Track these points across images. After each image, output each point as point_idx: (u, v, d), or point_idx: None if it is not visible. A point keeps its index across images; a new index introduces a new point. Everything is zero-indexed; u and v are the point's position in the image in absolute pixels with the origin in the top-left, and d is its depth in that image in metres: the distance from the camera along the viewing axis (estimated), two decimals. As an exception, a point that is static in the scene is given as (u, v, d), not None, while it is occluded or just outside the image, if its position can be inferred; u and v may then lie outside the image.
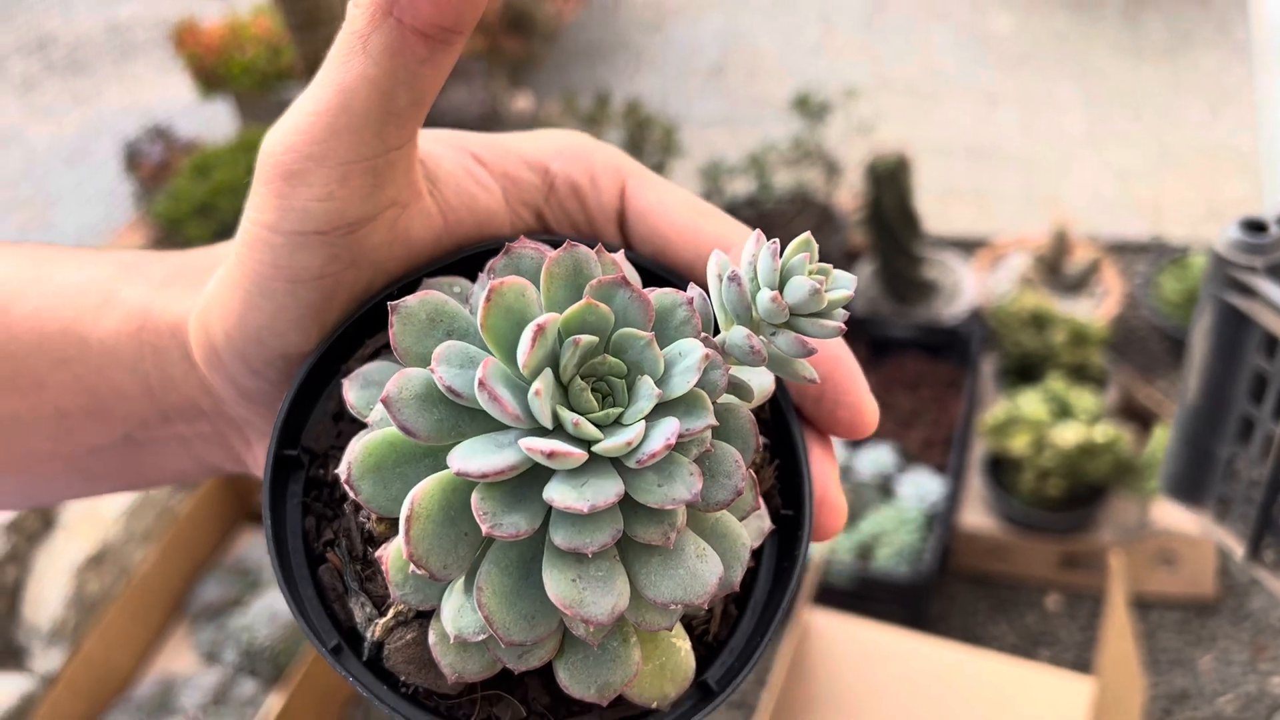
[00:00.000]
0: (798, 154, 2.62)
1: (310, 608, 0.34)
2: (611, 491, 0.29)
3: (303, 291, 0.34)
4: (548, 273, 0.31)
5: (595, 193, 0.39)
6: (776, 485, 0.38)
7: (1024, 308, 2.17)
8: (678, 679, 0.34)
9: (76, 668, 1.92)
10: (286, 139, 0.32)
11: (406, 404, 0.30)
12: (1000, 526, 2.04)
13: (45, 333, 0.41)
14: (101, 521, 2.17)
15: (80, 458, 0.44)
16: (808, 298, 0.31)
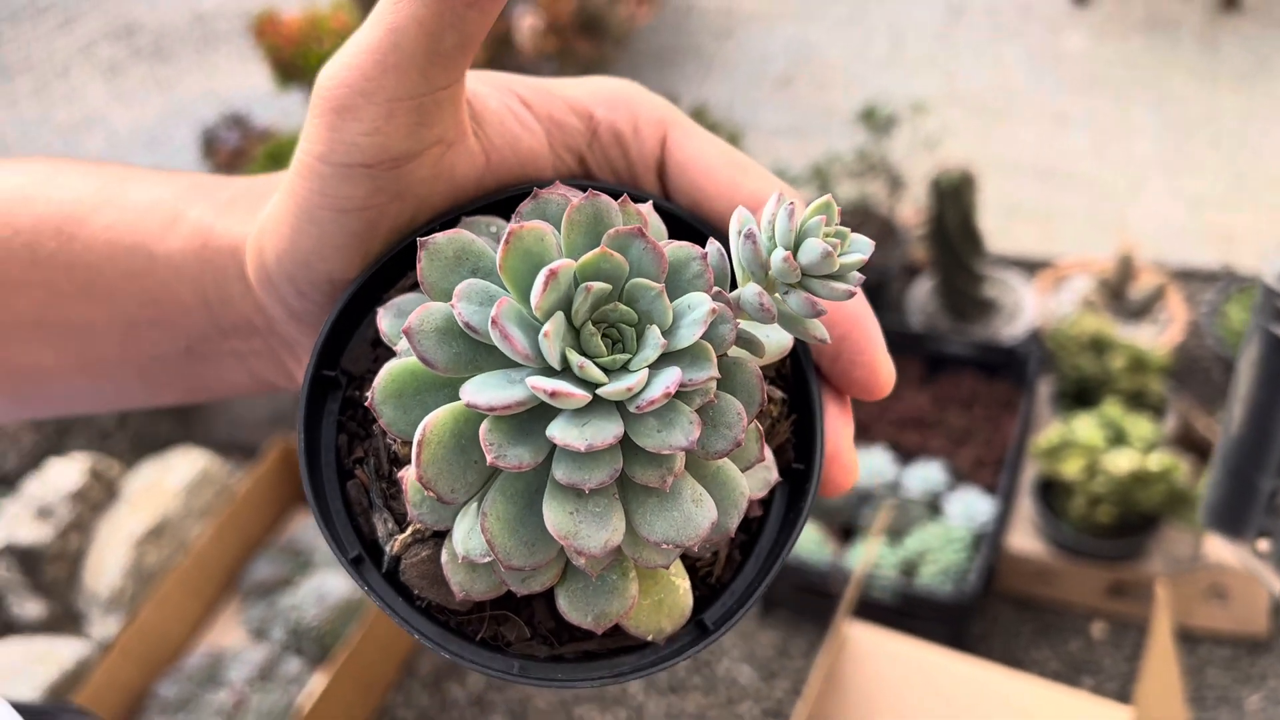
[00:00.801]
0: (862, 166, 2.61)
1: (337, 519, 0.36)
2: (610, 433, 0.30)
3: (347, 220, 0.36)
4: (568, 220, 0.32)
5: (637, 141, 0.40)
6: (792, 440, 0.39)
7: (1083, 331, 2.15)
8: (674, 615, 0.35)
9: (131, 635, 1.98)
10: (339, 74, 0.33)
11: (427, 336, 0.31)
12: (1048, 550, 2.02)
13: (117, 247, 0.43)
14: (162, 496, 2.24)
15: (145, 365, 0.47)
16: (820, 259, 0.32)
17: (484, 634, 0.35)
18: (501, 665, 0.35)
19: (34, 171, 0.46)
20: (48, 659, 2.03)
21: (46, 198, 0.44)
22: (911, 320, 2.52)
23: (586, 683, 0.35)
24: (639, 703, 2.04)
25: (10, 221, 0.44)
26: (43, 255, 0.44)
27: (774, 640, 2.11)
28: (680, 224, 0.39)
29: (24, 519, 2.19)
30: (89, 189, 0.44)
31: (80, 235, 0.44)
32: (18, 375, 0.47)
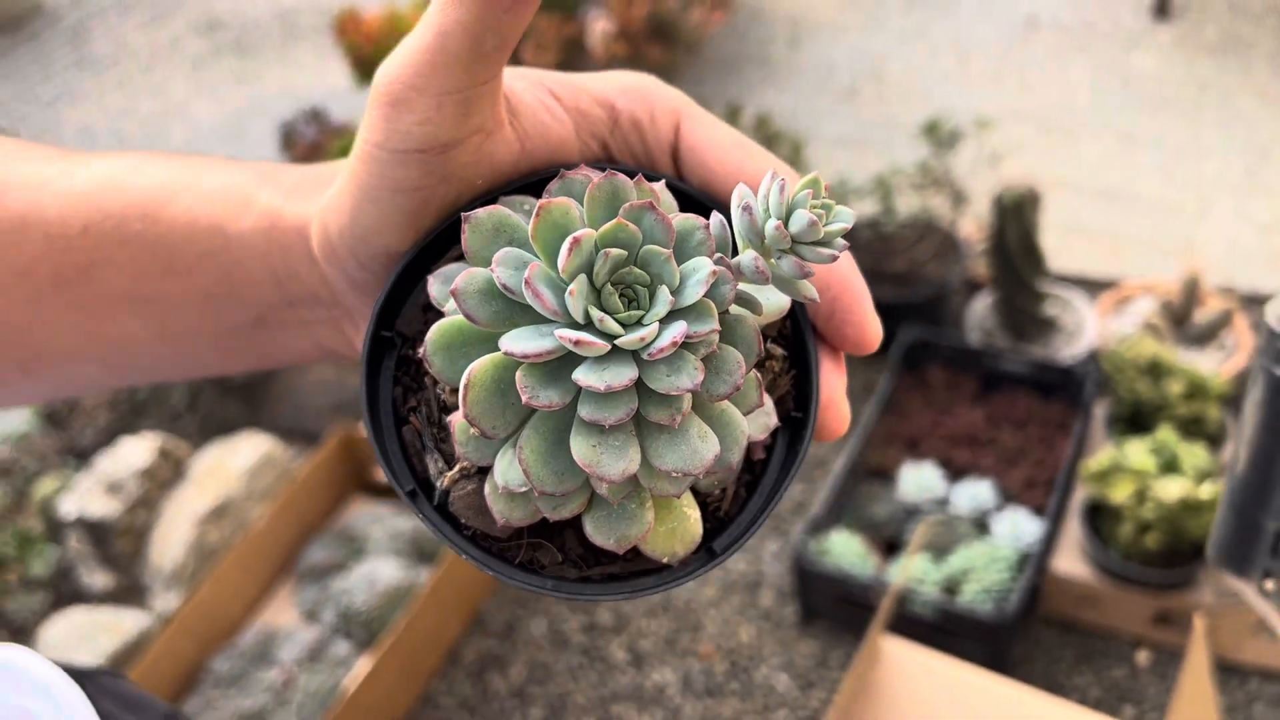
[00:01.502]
0: (924, 179, 2.60)
1: (394, 460, 0.42)
2: (626, 376, 0.35)
3: (402, 200, 0.41)
4: (590, 195, 0.37)
5: (653, 128, 0.45)
6: (792, 391, 0.44)
7: (1142, 354, 2.12)
8: (686, 540, 0.40)
9: (190, 610, 2.05)
10: (394, 71, 0.38)
11: (471, 296, 0.36)
12: (1095, 575, 2.00)
13: (195, 227, 0.49)
14: (226, 477, 2.32)
15: (221, 335, 0.52)
16: (807, 227, 0.36)
17: (521, 558, 0.41)
18: (536, 583, 0.40)
19: (122, 162, 0.52)
20: (111, 629, 2.12)
21: (133, 185, 0.50)
22: (970, 336, 2.50)
23: (611, 596, 0.41)
24: (676, 705, 2.06)
25: (101, 205, 0.49)
26: (129, 235, 0.49)
27: (813, 650, 2.11)
28: (691, 200, 0.44)
29: (95, 493, 2.29)
30: (169, 176, 0.50)
31: (163, 218, 0.49)
32: (107, 345, 0.53)
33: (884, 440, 2.30)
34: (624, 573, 0.41)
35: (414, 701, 2.10)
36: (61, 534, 2.30)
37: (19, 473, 2.42)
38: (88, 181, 0.50)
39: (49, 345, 0.53)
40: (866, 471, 2.27)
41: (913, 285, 2.54)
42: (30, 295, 0.50)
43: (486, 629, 2.21)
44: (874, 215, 2.63)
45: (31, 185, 0.50)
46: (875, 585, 1.96)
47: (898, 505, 2.16)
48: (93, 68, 4.15)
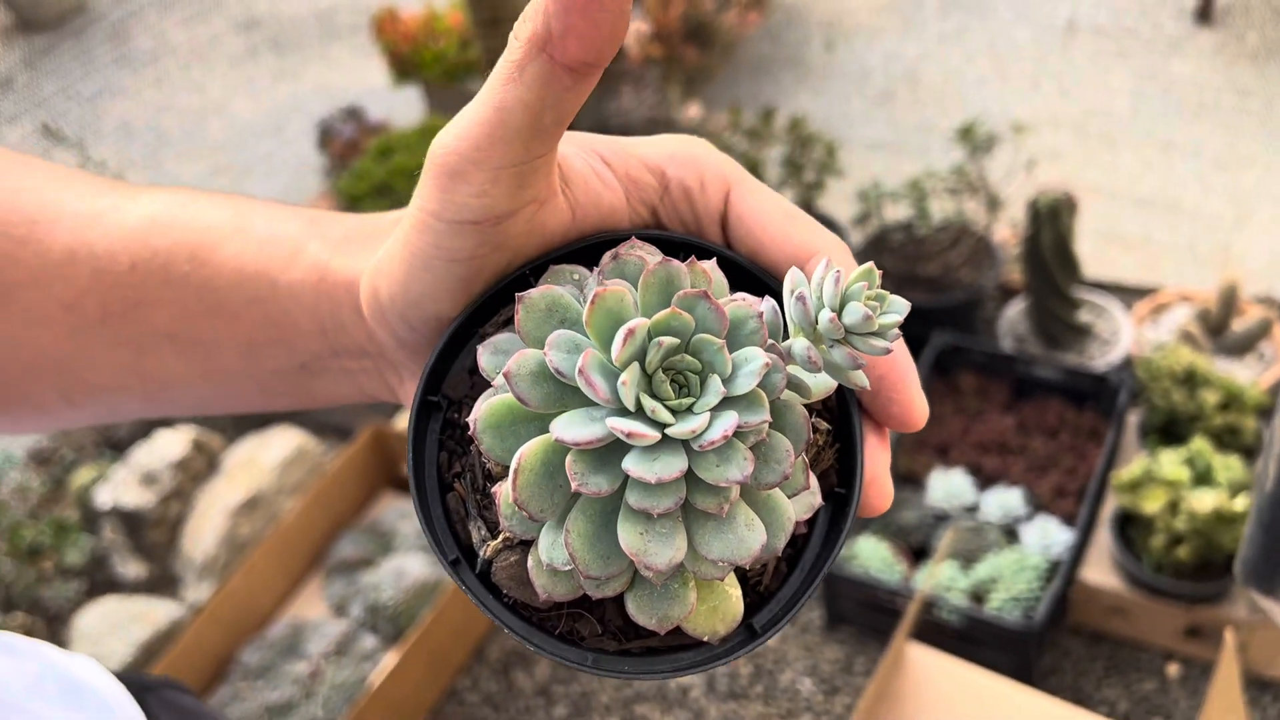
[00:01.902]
0: (959, 184, 2.59)
1: (438, 526, 0.42)
2: (676, 468, 0.35)
3: (456, 268, 0.41)
4: (644, 282, 0.37)
5: (703, 196, 0.45)
6: (835, 466, 0.44)
7: (1177, 363, 2.10)
8: (727, 619, 0.41)
9: (221, 601, 2.08)
10: (452, 143, 0.38)
11: (523, 379, 0.36)
12: (1125, 586, 1.98)
13: (244, 274, 0.49)
14: (258, 471, 2.34)
15: (264, 377, 0.53)
16: (861, 320, 0.37)
17: (561, 629, 0.41)
18: (576, 657, 0.41)
19: (173, 199, 0.52)
20: (144, 618, 2.15)
21: (183, 224, 0.50)
22: (1002, 342, 2.49)
23: (651, 675, 0.41)
24: (700, 707, 2.06)
25: (149, 243, 0.50)
26: (176, 276, 0.50)
27: (839, 655, 2.11)
28: (741, 271, 0.44)
29: (130, 484, 2.32)
30: (219, 218, 0.51)
31: (211, 261, 0.49)
32: (150, 381, 0.54)
33: (913, 446, 2.29)
34: (663, 646, 0.41)
35: (439, 696, 2.11)
36: (97, 524, 2.34)
37: (57, 462, 2.46)
38: (138, 218, 0.51)
39: (92, 378, 0.53)
40: (895, 477, 2.24)
41: (945, 290, 2.52)
42: (75, 328, 0.51)
43: (512, 626, 2.22)
44: (907, 219, 2.62)
45: (82, 217, 0.51)
46: (902, 591, 1.95)
47: (926, 511, 2.15)
48: (132, 64, 4.21)
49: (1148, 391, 2.14)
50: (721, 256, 0.44)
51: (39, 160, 0.55)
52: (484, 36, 2.50)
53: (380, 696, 1.91)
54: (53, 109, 3.72)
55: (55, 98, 3.86)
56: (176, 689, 0.68)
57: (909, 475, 2.25)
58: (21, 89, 3.82)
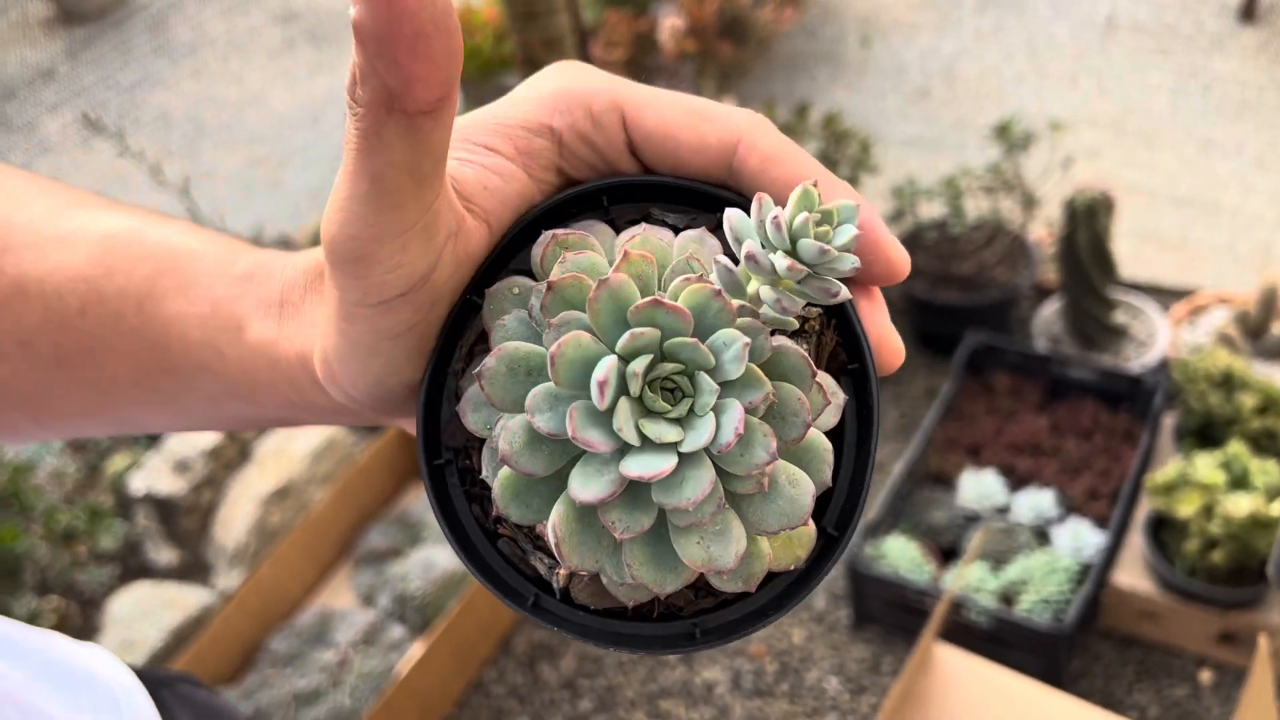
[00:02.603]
0: (995, 182, 2.56)
1: (505, 574, 0.41)
2: (706, 482, 0.34)
3: (405, 341, 0.39)
4: (591, 310, 0.35)
5: (600, 133, 0.41)
6: (838, 340, 0.42)
7: (1214, 365, 2.07)
8: (805, 541, 0.40)
9: (250, 589, 2.10)
10: (344, 230, 0.36)
11: (520, 454, 0.35)
12: (1157, 590, 1.95)
13: (189, 341, 0.47)
14: (289, 460, 2.36)
15: (238, 422, 0.52)
16: (818, 255, 0.35)
17: (658, 610, 0.40)
18: (685, 639, 0.40)
19: (116, 238, 0.49)
20: (175, 604, 2.17)
21: (127, 270, 0.48)
22: (1036, 342, 2.46)
23: (769, 621, 0.40)
24: (725, 703, 2.06)
25: (98, 288, 0.48)
26: (126, 329, 0.48)
27: (865, 655, 2.10)
28: (670, 189, 0.42)
29: (164, 472, 2.35)
30: (159, 268, 0.48)
31: (158, 317, 0.47)
32: (119, 417, 0.53)
33: (944, 445, 2.27)
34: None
35: (465, 688, 2.12)
36: (130, 510, 2.36)
37: (92, 449, 2.49)
38: (84, 255, 0.48)
39: (59, 408, 0.52)
40: (926, 476, 2.25)
41: (980, 289, 2.50)
42: (33, 365, 0.49)
43: (539, 619, 2.22)
44: (942, 217, 2.59)
45: (32, 248, 0.49)
46: (931, 592, 1.94)
47: (957, 512, 2.13)
48: (171, 55, 4.25)
49: (1184, 394, 2.11)
50: (651, 184, 0.42)
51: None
52: (519, 30, 2.50)
53: (407, 686, 1.92)
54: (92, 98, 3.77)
55: (95, 87, 3.91)
56: (192, 684, 0.68)
57: (939, 475, 2.23)
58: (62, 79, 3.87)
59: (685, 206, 0.42)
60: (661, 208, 0.42)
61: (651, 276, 0.37)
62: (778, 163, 0.39)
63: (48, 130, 3.53)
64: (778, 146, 0.40)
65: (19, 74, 3.73)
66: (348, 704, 1.96)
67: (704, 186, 0.42)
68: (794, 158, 0.40)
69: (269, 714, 1.96)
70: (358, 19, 0.31)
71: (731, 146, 0.40)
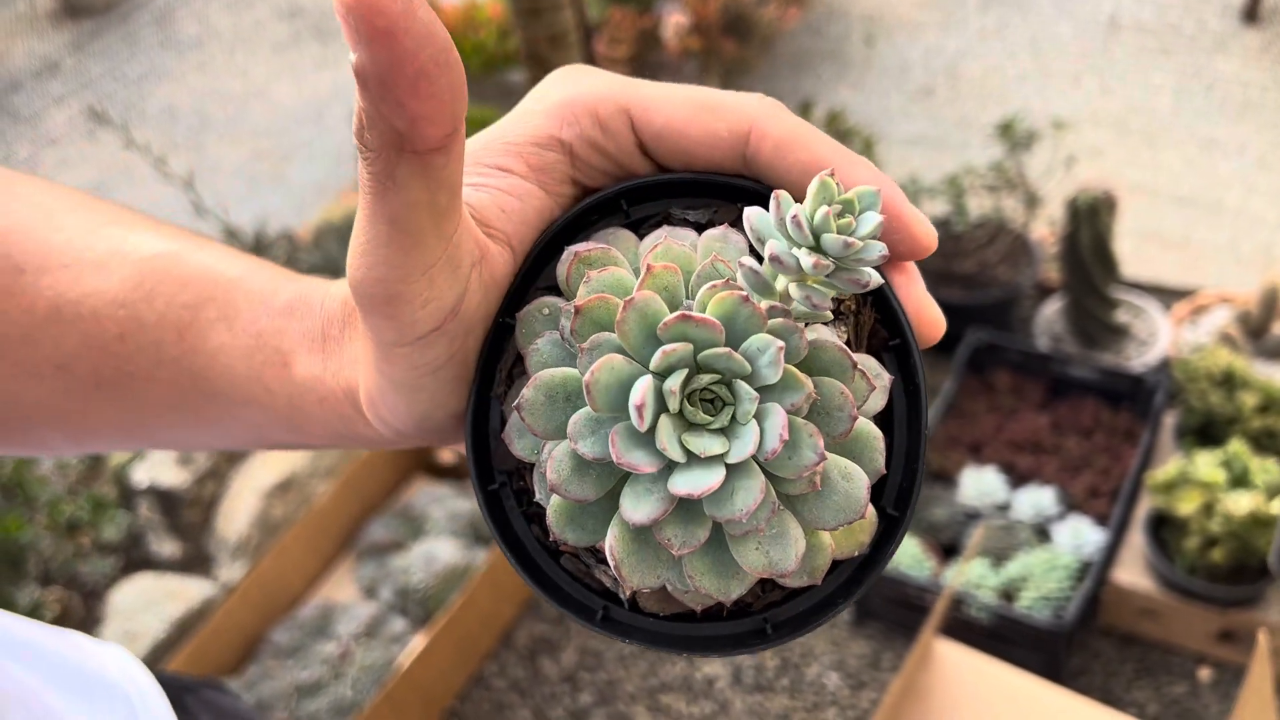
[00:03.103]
0: (998, 180, 2.56)
1: (572, 590, 0.40)
2: (757, 490, 0.34)
3: (444, 373, 0.39)
4: (620, 330, 0.35)
5: (610, 138, 0.40)
6: (877, 318, 0.41)
7: (1215, 364, 2.07)
8: (866, 527, 0.39)
9: (253, 581, 2.10)
10: (370, 274, 0.35)
11: (568, 481, 0.35)
12: (1157, 588, 1.96)
13: (234, 374, 0.46)
14: (292, 454, 2.37)
15: (279, 445, 0.52)
16: (843, 249, 0.34)
17: (728, 609, 0.40)
18: (756, 636, 0.39)
19: (157, 259, 0.48)
20: (177, 596, 2.18)
21: (168, 296, 0.47)
22: (1038, 341, 2.47)
23: (842, 607, 0.40)
24: (725, 698, 2.06)
25: (136, 314, 0.47)
26: (167, 358, 0.47)
27: (866, 651, 2.10)
28: (687, 185, 0.41)
29: (167, 464, 2.35)
30: (201, 296, 0.47)
31: (201, 350, 0.47)
32: (159, 438, 0.52)
33: (946, 443, 2.27)
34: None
35: (466, 681, 2.13)
36: (133, 502, 2.37)
37: (95, 440, 2.50)
38: (122, 280, 0.47)
39: (96, 427, 0.51)
40: (927, 473, 2.25)
41: (982, 287, 2.50)
42: (70, 388, 0.49)
43: (540, 613, 2.23)
44: (945, 215, 2.60)
45: (68, 270, 0.48)
46: (931, 588, 1.94)
47: (958, 509, 2.14)
48: (177, 48, 4.26)
49: (1185, 393, 2.12)
50: (673, 183, 0.41)
51: (29, 183, 0.52)
52: (524, 27, 2.51)
53: (408, 679, 1.93)
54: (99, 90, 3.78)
55: (101, 79, 3.92)
56: (217, 689, 0.68)
57: (941, 473, 2.23)
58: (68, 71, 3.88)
59: (705, 200, 0.42)
60: (682, 205, 0.42)
61: (678, 286, 0.36)
62: (792, 148, 0.39)
63: (54, 122, 3.54)
64: (791, 131, 0.39)
65: (26, 66, 3.74)
66: (349, 696, 1.97)
67: (721, 179, 0.41)
68: (808, 141, 0.39)
69: (271, 705, 1.97)
70: (358, 64, 0.30)
71: (743, 136, 0.39)
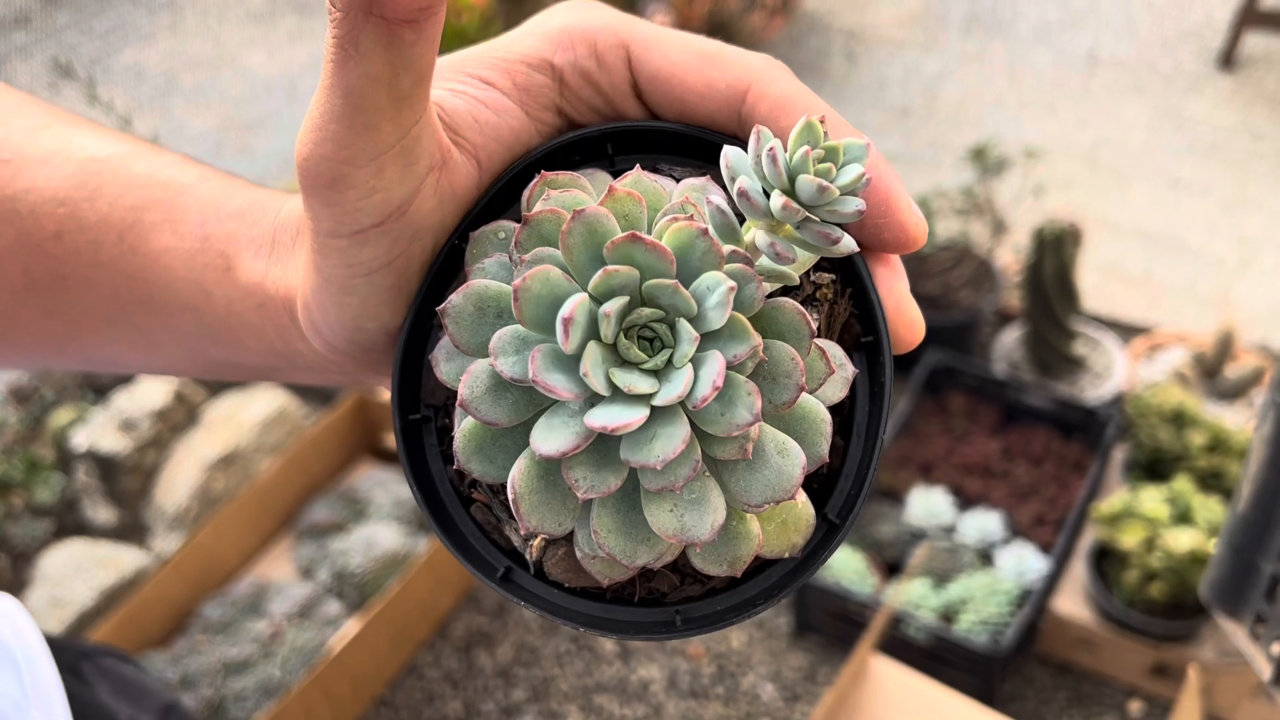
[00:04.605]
0: (967, 205, 2.58)
1: (476, 542, 0.38)
2: (679, 440, 0.31)
3: (380, 279, 0.37)
4: (564, 244, 0.32)
5: (604, 72, 0.39)
6: (854, 312, 0.39)
7: (1167, 402, 2.09)
8: (801, 527, 0.37)
9: (187, 554, 2.06)
10: (317, 150, 0.33)
11: (481, 400, 0.33)
12: (1095, 619, 1.97)
13: (174, 276, 0.44)
14: (238, 427, 2.33)
15: (216, 369, 0.49)
16: (817, 194, 0.32)
17: (639, 594, 0.37)
18: (665, 626, 0.37)
19: (105, 159, 0.46)
20: (109, 564, 2.13)
21: (113, 197, 0.45)
22: (995, 366, 2.48)
23: (756, 611, 0.37)
24: (659, 702, 2.05)
25: (76, 213, 0.45)
26: (105, 259, 0.45)
27: (803, 663, 2.10)
28: (676, 137, 0.39)
29: (109, 429, 2.30)
30: (150, 198, 0.45)
31: (141, 250, 0.45)
32: (95, 361, 0.50)
33: (897, 462, 2.28)
34: (745, 572, 0.37)
35: (399, 669, 2.10)
36: (71, 466, 2.32)
37: (36, 401, 2.44)
38: (65, 178, 0.46)
39: (24, 338, 0.49)
40: (876, 491, 2.25)
41: (944, 310, 2.51)
42: (3, 287, 0.47)
43: (479, 606, 2.21)
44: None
45: (8, 165, 0.46)
46: (872, 605, 1.94)
47: (904, 528, 2.14)
48: (148, 6, 4.17)
49: (1135, 428, 2.14)
50: (654, 129, 0.39)
51: None
52: (506, 14, 2.49)
53: (339, 663, 1.90)
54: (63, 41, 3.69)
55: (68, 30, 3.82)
56: (118, 658, 0.65)
57: (889, 490, 2.24)
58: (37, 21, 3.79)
59: (696, 160, 0.39)
60: (671, 161, 0.40)
61: (639, 217, 0.34)
62: (789, 111, 0.37)
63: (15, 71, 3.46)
64: (791, 93, 0.37)
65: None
66: (278, 676, 1.93)
67: (713, 136, 0.39)
68: (808, 106, 0.37)
69: (196, 681, 1.93)
70: None
71: (741, 92, 0.37)
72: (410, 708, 2.06)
